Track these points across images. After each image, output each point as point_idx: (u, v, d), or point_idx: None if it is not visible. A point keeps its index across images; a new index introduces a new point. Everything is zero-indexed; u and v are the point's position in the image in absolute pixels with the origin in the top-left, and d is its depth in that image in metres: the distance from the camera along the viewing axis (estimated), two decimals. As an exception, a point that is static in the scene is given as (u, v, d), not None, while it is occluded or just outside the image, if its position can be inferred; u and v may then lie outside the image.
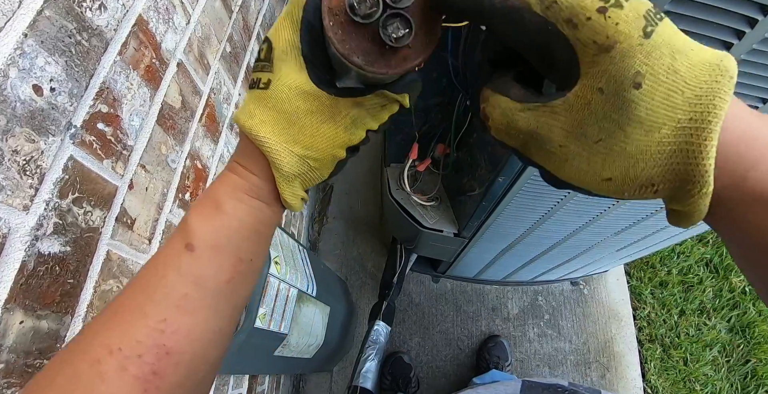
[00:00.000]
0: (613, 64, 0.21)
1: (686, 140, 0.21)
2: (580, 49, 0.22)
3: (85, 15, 0.43)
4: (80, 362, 0.26)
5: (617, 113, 0.21)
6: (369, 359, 1.23)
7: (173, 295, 0.28)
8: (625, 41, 0.20)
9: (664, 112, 0.21)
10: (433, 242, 1.13)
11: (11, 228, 0.38)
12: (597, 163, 0.23)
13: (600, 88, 0.21)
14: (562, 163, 0.25)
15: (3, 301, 0.37)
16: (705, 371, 1.58)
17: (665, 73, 0.21)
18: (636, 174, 0.22)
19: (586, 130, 0.23)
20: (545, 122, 0.24)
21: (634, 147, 0.22)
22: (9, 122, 0.36)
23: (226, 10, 0.75)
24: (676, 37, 0.21)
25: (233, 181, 0.31)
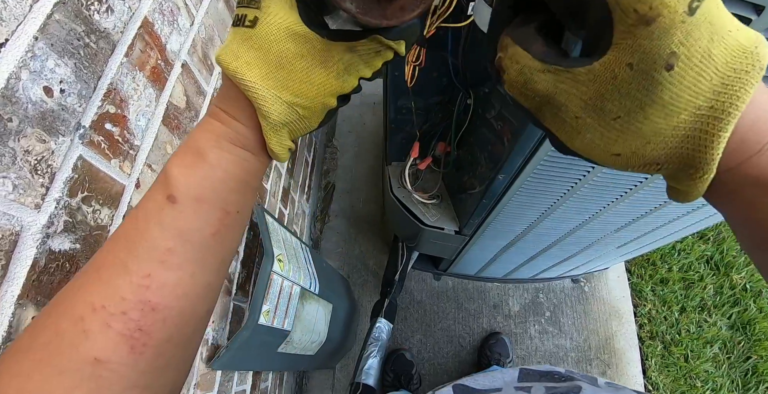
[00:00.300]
0: (649, 39, 0.19)
1: (701, 128, 0.20)
2: (618, 16, 0.20)
3: (93, 18, 0.44)
4: (63, 320, 0.25)
5: (642, 93, 0.20)
6: (371, 355, 1.24)
7: (157, 249, 0.26)
8: (668, 16, 0.19)
9: (688, 97, 0.20)
10: (435, 240, 1.14)
11: (23, 226, 0.39)
12: (610, 139, 0.22)
13: (630, 63, 0.20)
14: (574, 134, 0.24)
15: (16, 296, 0.38)
16: (706, 368, 1.59)
17: (700, 56, 0.19)
18: (645, 153, 0.22)
19: (606, 106, 0.22)
20: (565, 89, 0.22)
21: (649, 128, 0.21)
22: (21, 123, 0.37)
23: (229, 11, 0.76)
24: (718, 15, 0.20)
25: (216, 129, 0.29)
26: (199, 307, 0.29)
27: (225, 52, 0.28)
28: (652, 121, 0.21)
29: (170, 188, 0.27)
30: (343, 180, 1.79)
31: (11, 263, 0.38)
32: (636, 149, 0.22)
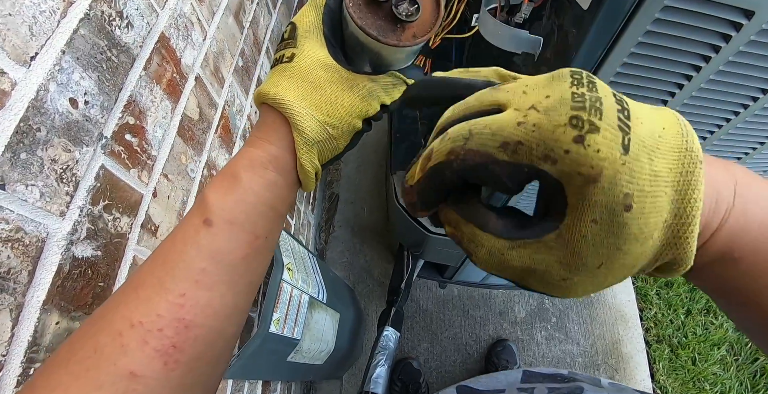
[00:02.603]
0: (603, 194, 0.19)
1: (674, 235, 0.21)
2: (565, 180, 0.20)
3: (115, 33, 0.46)
4: (102, 335, 0.26)
5: (614, 238, 0.21)
6: (379, 364, 1.24)
7: (192, 270, 0.28)
8: (610, 167, 0.19)
9: (653, 219, 0.20)
10: (440, 247, 1.15)
11: (49, 233, 0.40)
12: (600, 281, 0.23)
13: (594, 219, 0.20)
14: (568, 291, 0.24)
15: (41, 302, 0.39)
16: (714, 371, 1.58)
17: (649, 183, 0.20)
18: (634, 272, 0.23)
19: (587, 261, 0.21)
20: (542, 259, 0.22)
21: (631, 259, 0.21)
22: (48, 133, 0.39)
23: (238, 26, 0.79)
24: (645, 132, 0.20)
25: (250, 155, 0.31)
26: (227, 327, 0.30)
27: (266, 85, 0.32)
28: (631, 253, 0.21)
29: (206, 212, 0.29)
30: (347, 190, 1.81)
31: (37, 268, 0.39)
32: (625, 275, 0.23)
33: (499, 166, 0.21)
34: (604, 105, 0.19)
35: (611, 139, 0.19)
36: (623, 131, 0.19)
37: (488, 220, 0.23)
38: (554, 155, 0.19)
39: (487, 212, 0.23)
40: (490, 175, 0.21)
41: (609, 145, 0.19)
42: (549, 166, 0.20)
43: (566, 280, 0.23)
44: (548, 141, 0.19)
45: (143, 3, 0.50)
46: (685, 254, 0.21)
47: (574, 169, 0.19)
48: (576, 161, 0.19)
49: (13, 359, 0.37)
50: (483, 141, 0.21)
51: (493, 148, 0.21)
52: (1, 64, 0.34)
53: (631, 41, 0.47)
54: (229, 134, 0.78)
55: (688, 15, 0.44)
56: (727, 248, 0.22)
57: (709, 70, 0.50)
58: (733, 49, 0.47)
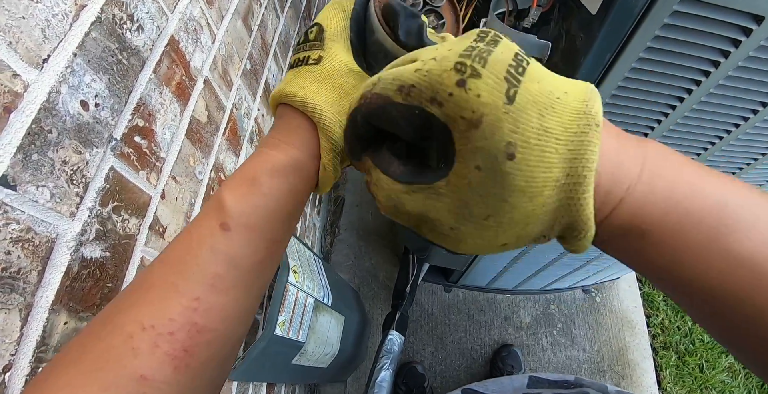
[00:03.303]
0: (484, 139, 0.20)
1: (567, 196, 0.21)
2: (451, 125, 0.21)
3: (125, 36, 0.46)
4: (112, 337, 0.25)
5: (498, 187, 0.21)
6: (384, 368, 1.23)
7: (206, 274, 0.27)
8: (491, 113, 0.20)
9: (542, 174, 0.21)
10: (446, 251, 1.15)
11: (59, 234, 0.40)
12: (491, 236, 0.23)
13: (477, 166, 0.21)
14: (458, 243, 0.24)
15: (50, 302, 0.39)
16: (722, 378, 1.57)
17: (536, 136, 0.20)
18: (528, 234, 0.23)
19: (473, 210, 0.22)
20: (433, 205, 0.23)
21: (521, 214, 0.22)
22: (59, 135, 0.39)
23: (247, 30, 0.79)
24: (541, 90, 0.21)
25: (272, 158, 0.30)
26: (238, 330, 0.30)
27: (289, 87, 0.31)
28: (520, 208, 0.21)
29: (224, 216, 0.29)
30: (353, 193, 1.81)
31: (47, 269, 0.39)
32: (518, 234, 0.23)
33: (395, 108, 0.22)
34: (492, 56, 0.20)
35: (493, 87, 0.20)
36: (509, 83, 0.20)
37: (391, 164, 0.24)
38: (440, 98, 0.20)
39: (392, 158, 0.25)
40: (388, 117, 0.23)
41: (490, 91, 0.20)
42: (436, 108, 0.21)
43: (454, 229, 0.23)
44: (435, 84, 0.20)
45: (154, 6, 0.51)
46: (581, 217, 0.21)
47: (457, 112, 0.20)
48: (458, 105, 0.20)
49: (22, 359, 0.37)
50: (385, 85, 0.22)
51: (391, 91, 0.22)
52: (15, 66, 0.34)
53: (639, 46, 0.47)
54: (237, 137, 0.79)
55: (698, 20, 0.44)
56: (634, 220, 0.22)
57: (718, 76, 0.50)
58: (743, 54, 0.47)
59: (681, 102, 0.54)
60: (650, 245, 0.22)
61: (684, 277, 0.22)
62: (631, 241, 0.23)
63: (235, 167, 0.78)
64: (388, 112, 0.22)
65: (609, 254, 0.25)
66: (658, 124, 0.58)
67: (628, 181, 0.22)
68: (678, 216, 0.22)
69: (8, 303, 0.36)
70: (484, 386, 0.71)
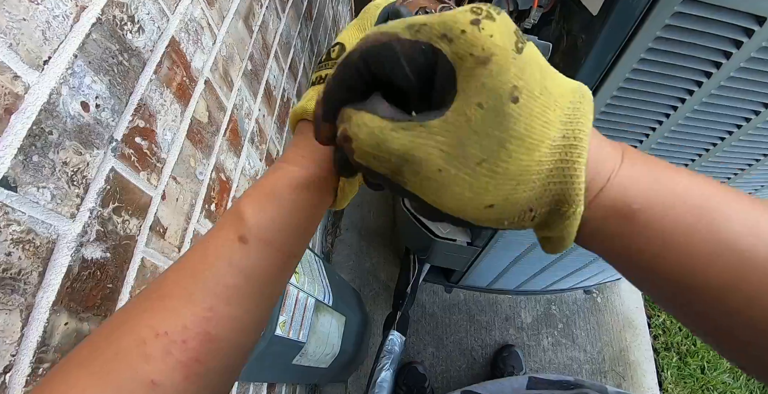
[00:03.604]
0: (490, 76, 0.20)
1: (561, 158, 0.21)
2: (458, 64, 0.21)
3: (126, 37, 0.46)
4: (125, 341, 0.26)
5: (498, 129, 0.21)
6: (384, 368, 1.23)
7: (222, 285, 0.28)
8: (501, 54, 0.20)
9: (540, 128, 0.21)
10: (447, 252, 1.15)
11: (60, 234, 0.40)
12: (479, 188, 0.22)
13: (479, 103, 0.21)
14: (441, 191, 0.23)
15: (51, 303, 0.39)
16: (723, 379, 1.56)
17: (539, 89, 0.21)
18: (516, 198, 0.22)
19: (467, 150, 0.21)
20: (422, 143, 0.22)
21: (516, 167, 0.21)
22: (60, 136, 0.39)
23: (248, 30, 0.79)
24: (541, 58, 0.22)
25: (293, 174, 0.31)
26: (249, 341, 0.30)
27: (310, 103, 0.31)
28: (516, 158, 0.21)
29: (242, 228, 0.29)
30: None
31: (47, 270, 0.39)
32: (508, 194, 0.22)
33: (401, 44, 0.22)
34: (505, 13, 0.21)
35: (505, 32, 0.20)
36: (518, 37, 0.21)
37: (379, 104, 0.23)
38: (451, 35, 0.21)
39: (381, 100, 0.23)
40: (390, 54, 0.22)
41: (502, 34, 0.20)
42: (445, 44, 0.21)
43: (441, 171, 0.22)
44: (448, 21, 0.21)
45: (155, 7, 0.51)
46: (573, 185, 0.21)
47: (467, 49, 0.20)
48: (469, 42, 0.20)
49: (23, 359, 0.37)
50: (394, 24, 0.22)
51: (399, 28, 0.22)
52: (15, 68, 0.34)
53: (641, 47, 0.47)
54: (238, 138, 0.79)
55: (699, 21, 0.44)
56: (623, 200, 0.22)
57: (720, 77, 0.50)
58: (745, 55, 0.47)
59: (682, 103, 0.54)
60: (639, 228, 0.22)
61: (671, 265, 0.22)
62: (620, 224, 0.22)
63: (236, 168, 0.78)
64: (391, 48, 0.22)
65: (593, 248, 0.24)
66: (660, 125, 0.58)
67: (613, 163, 0.23)
68: (665, 196, 0.22)
69: (9, 304, 0.36)
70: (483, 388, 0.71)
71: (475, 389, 0.69)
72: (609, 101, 0.54)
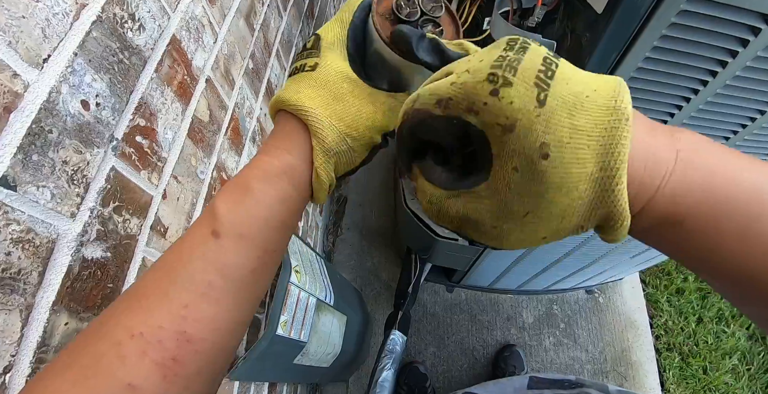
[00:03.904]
0: (518, 141, 0.21)
1: (601, 189, 0.22)
2: (488, 131, 0.22)
3: (127, 35, 0.46)
4: (101, 344, 0.25)
5: (536, 185, 0.22)
6: (386, 368, 1.23)
7: (197, 282, 0.27)
8: (524, 117, 0.21)
9: (576, 170, 0.22)
10: (449, 251, 1.15)
11: (60, 234, 0.40)
12: (531, 231, 0.25)
13: (515, 167, 0.22)
14: (501, 239, 0.26)
15: (51, 303, 0.39)
16: (725, 380, 1.56)
17: (568, 135, 0.21)
18: (566, 227, 0.24)
19: (513, 208, 0.24)
20: (474, 207, 0.25)
21: (558, 209, 0.23)
22: (60, 135, 0.39)
23: (249, 29, 0.79)
24: (570, 90, 0.22)
25: (265, 165, 0.31)
26: (230, 342, 0.30)
27: (286, 92, 0.32)
28: (557, 203, 0.23)
29: (215, 223, 0.29)
30: (356, 193, 1.81)
31: (47, 269, 0.39)
32: (557, 227, 0.24)
33: (435, 120, 0.24)
34: (522, 64, 0.22)
35: (524, 93, 0.21)
36: (539, 87, 0.21)
37: (434, 172, 0.26)
38: (476, 108, 0.22)
39: (435, 166, 0.26)
40: (430, 128, 0.24)
41: (522, 97, 0.21)
42: (473, 117, 0.22)
43: (496, 228, 0.25)
44: (470, 95, 0.22)
45: (155, 5, 0.50)
46: (616, 208, 0.22)
47: (492, 119, 0.22)
48: (493, 112, 0.22)
49: (23, 360, 0.37)
50: (424, 100, 0.24)
51: (430, 105, 0.24)
52: (14, 66, 0.34)
53: (646, 46, 0.46)
54: (239, 136, 0.78)
55: (705, 19, 0.44)
56: (670, 211, 0.23)
57: (726, 76, 0.49)
58: (751, 54, 0.46)
59: (687, 102, 0.53)
60: (687, 234, 0.23)
61: (723, 263, 0.22)
62: (669, 230, 0.23)
63: (238, 167, 0.78)
64: (429, 124, 0.24)
65: (648, 243, 0.26)
66: (665, 123, 0.57)
67: (663, 172, 0.23)
68: (712, 205, 0.22)
69: (8, 304, 0.35)
70: (484, 388, 0.71)
71: (476, 390, 0.69)
72: (613, 100, 0.54)
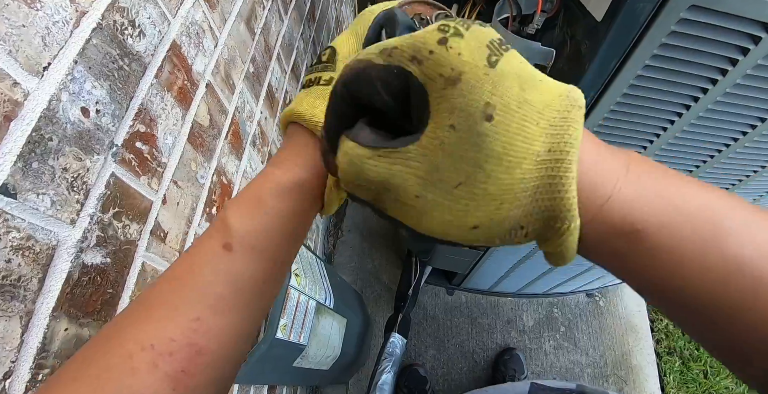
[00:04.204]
0: (461, 96, 0.19)
1: (548, 174, 0.20)
2: (429, 85, 0.20)
3: (127, 42, 0.46)
4: (113, 355, 0.25)
5: (473, 150, 0.20)
6: (385, 371, 1.23)
7: (208, 294, 0.27)
8: (471, 71, 0.19)
9: (521, 144, 0.20)
10: (449, 254, 1.15)
11: (59, 241, 0.40)
12: (459, 210, 0.21)
13: (452, 125, 0.20)
14: (420, 216, 0.22)
15: (51, 309, 0.39)
16: (726, 385, 1.55)
17: (516, 103, 0.20)
18: (502, 217, 0.21)
19: (443, 175, 0.21)
20: (398, 170, 0.21)
21: (496, 187, 0.20)
22: (60, 142, 0.39)
23: (250, 33, 0.79)
24: (522, 68, 0.21)
25: (277, 178, 0.30)
26: (238, 353, 0.30)
27: (300, 107, 0.31)
28: (495, 178, 0.20)
29: (227, 236, 0.28)
30: (356, 195, 1.80)
31: (47, 276, 0.39)
32: (492, 214, 0.21)
33: (375, 69, 0.21)
34: (475, 25, 0.20)
35: (474, 48, 0.20)
36: (491, 50, 0.20)
37: (362, 131, 0.23)
38: (420, 56, 0.20)
39: (363, 126, 0.23)
40: (367, 79, 0.22)
41: (471, 51, 0.20)
42: (415, 67, 0.20)
43: (419, 198, 0.21)
44: (417, 43, 0.20)
45: (155, 11, 0.50)
46: (564, 202, 0.20)
47: (436, 70, 0.20)
48: (438, 62, 0.20)
49: (23, 366, 0.37)
50: (368, 51, 0.22)
51: (373, 54, 0.22)
52: (15, 75, 0.34)
53: (645, 54, 0.46)
54: (239, 140, 0.79)
55: (705, 28, 0.44)
56: (627, 219, 0.20)
57: (725, 84, 0.49)
58: (751, 63, 0.46)
59: (687, 110, 0.53)
60: (645, 249, 0.21)
61: (681, 284, 0.20)
62: (625, 244, 0.21)
63: (238, 171, 0.78)
64: (367, 74, 0.22)
65: (598, 263, 0.23)
66: (664, 131, 0.57)
67: (615, 177, 0.21)
68: (671, 215, 0.20)
69: (8, 311, 0.36)
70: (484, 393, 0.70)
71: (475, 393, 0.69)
72: (612, 108, 0.54)
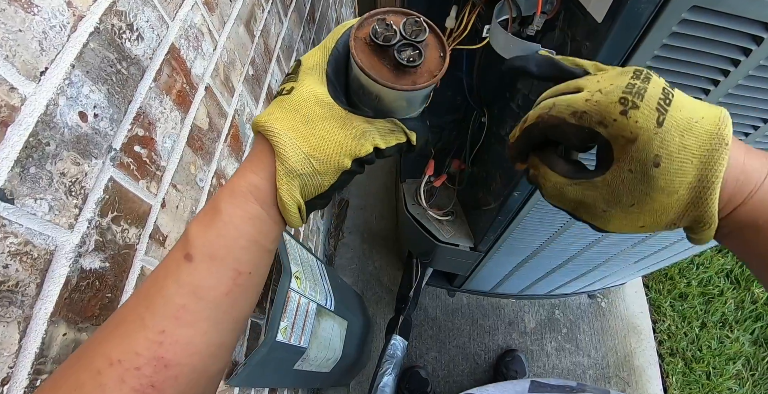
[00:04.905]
0: (638, 151, 0.27)
1: (697, 196, 0.28)
2: (612, 141, 0.28)
3: (125, 45, 0.46)
4: (82, 373, 0.26)
5: (644, 185, 0.28)
6: (386, 373, 1.23)
7: (172, 306, 0.28)
8: (644, 133, 0.27)
9: (679, 179, 0.28)
10: (450, 256, 1.14)
11: (57, 245, 0.40)
12: (632, 219, 0.31)
13: (630, 169, 0.28)
14: (606, 222, 0.32)
15: (49, 314, 0.39)
16: (729, 385, 1.54)
17: (677, 150, 0.27)
18: (662, 221, 0.30)
19: (622, 199, 0.30)
20: (589, 194, 0.31)
21: (659, 206, 0.29)
22: (57, 147, 0.39)
23: (249, 35, 0.79)
24: (682, 116, 0.27)
25: (232, 185, 0.31)
26: (210, 366, 0.30)
27: (260, 115, 0.33)
28: (658, 201, 0.29)
29: (187, 246, 0.29)
30: (357, 197, 1.81)
31: (45, 281, 0.39)
32: (654, 220, 0.30)
33: (569, 127, 0.30)
34: (648, 92, 0.28)
35: (647, 115, 0.27)
36: (659, 112, 0.27)
37: (557, 163, 0.33)
38: (606, 122, 0.28)
39: (557, 158, 0.33)
40: (562, 133, 0.31)
41: (645, 119, 0.27)
42: (602, 129, 0.28)
43: (606, 212, 0.31)
44: (603, 112, 0.28)
45: (154, 15, 0.50)
46: (706, 212, 0.28)
47: (619, 132, 0.28)
48: (620, 127, 0.28)
49: (21, 371, 0.37)
50: (560, 109, 0.30)
51: (566, 114, 0.30)
52: (11, 80, 0.34)
53: (646, 55, 0.46)
54: (239, 143, 0.78)
55: (707, 29, 0.43)
56: (753, 218, 0.28)
57: (727, 85, 0.49)
58: (753, 63, 0.46)
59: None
60: (763, 237, 0.28)
61: None
62: (747, 234, 0.29)
63: (238, 174, 0.78)
64: (562, 129, 0.30)
65: (726, 245, 0.31)
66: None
67: (751, 187, 0.28)
68: None
69: (6, 316, 0.35)
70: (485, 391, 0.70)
71: (476, 392, 0.69)
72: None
